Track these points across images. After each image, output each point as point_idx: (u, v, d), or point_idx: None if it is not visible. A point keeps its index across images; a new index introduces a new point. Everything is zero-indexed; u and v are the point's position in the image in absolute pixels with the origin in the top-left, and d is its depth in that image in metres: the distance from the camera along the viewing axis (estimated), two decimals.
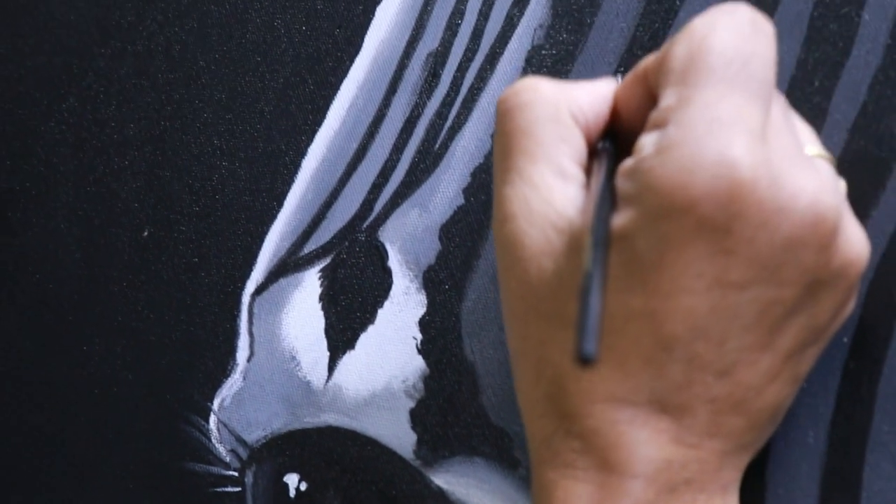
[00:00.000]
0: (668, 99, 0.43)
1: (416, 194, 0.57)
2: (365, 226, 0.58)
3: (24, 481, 0.63)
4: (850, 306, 0.46)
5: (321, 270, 0.58)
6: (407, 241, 0.57)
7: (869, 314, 0.49)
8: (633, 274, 0.43)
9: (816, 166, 0.44)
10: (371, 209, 0.58)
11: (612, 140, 0.47)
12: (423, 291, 0.56)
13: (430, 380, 0.56)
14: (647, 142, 0.43)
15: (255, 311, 0.59)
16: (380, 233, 0.58)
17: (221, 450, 0.59)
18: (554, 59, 0.55)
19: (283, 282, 0.59)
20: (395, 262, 0.57)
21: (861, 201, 0.49)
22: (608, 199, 0.43)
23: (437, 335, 0.56)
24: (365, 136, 0.58)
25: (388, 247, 0.57)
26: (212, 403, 0.60)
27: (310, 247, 0.59)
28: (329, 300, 0.58)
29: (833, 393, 0.49)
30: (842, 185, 0.46)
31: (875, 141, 0.49)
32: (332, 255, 0.58)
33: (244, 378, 0.59)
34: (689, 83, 0.43)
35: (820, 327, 0.45)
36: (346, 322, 0.58)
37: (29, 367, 0.64)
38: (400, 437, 0.56)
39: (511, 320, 0.47)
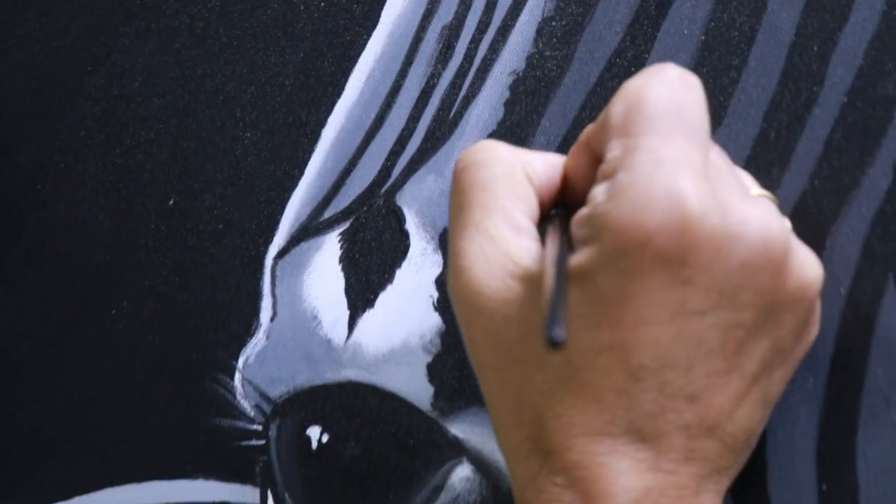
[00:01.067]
0: (613, 151, 0.45)
1: (432, 160, 0.59)
2: (383, 191, 0.59)
3: (55, 442, 0.64)
4: (814, 330, 0.48)
5: (341, 234, 0.60)
6: (423, 205, 0.58)
7: (864, 265, 0.50)
8: (599, 309, 0.44)
9: (760, 201, 0.46)
10: (389, 175, 0.59)
11: (564, 209, 0.48)
12: (439, 252, 0.58)
13: (446, 335, 0.57)
14: (598, 191, 0.45)
15: (278, 273, 0.61)
16: (397, 197, 0.59)
17: (246, 405, 0.60)
18: (563, 31, 0.57)
19: (304, 245, 0.60)
20: (412, 224, 0.59)
21: (856, 164, 0.51)
22: (566, 246, 0.45)
23: None
24: (382, 105, 0.60)
25: (406, 210, 0.59)
26: (237, 362, 0.61)
27: (330, 212, 0.60)
28: (349, 262, 0.59)
29: (831, 341, 0.50)
30: (786, 223, 0.47)
31: (871, 103, 0.51)
32: (352, 220, 0.60)
33: (267, 337, 0.61)
34: (630, 133, 0.45)
35: (784, 349, 0.46)
36: (365, 282, 0.59)
37: (59, 332, 0.65)
38: (417, 390, 0.57)
39: (485, 371, 0.48)
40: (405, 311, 0.58)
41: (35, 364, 0.65)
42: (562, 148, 0.56)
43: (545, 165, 0.49)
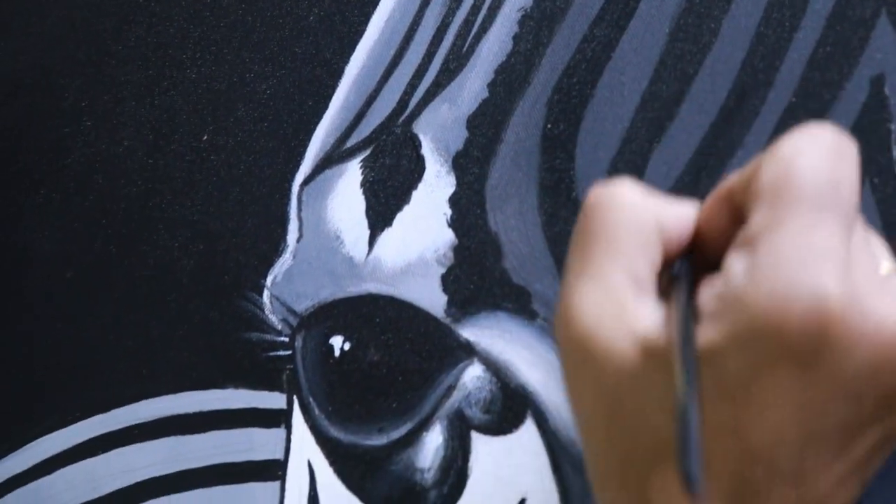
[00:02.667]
0: (758, 218, 0.43)
1: (446, 91, 0.61)
2: (401, 120, 0.62)
3: (95, 358, 0.67)
4: None
5: (362, 161, 0.63)
6: (438, 132, 0.61)
7: None
8: (723, 390, 0.42)
9: (893, 286, 0.44)
10: (406, 106, 0.62)
11: (689, 261, 0.46)
12: (452, 174, 0.61)
13: (458, 249, 0.60)
14: (736, 263, 0.43)
15: (304, 198, 0.64)
16: (414, 126, 0.62)
17: (274, 319, 0.63)
18: None
19: (328, 172, 0.63)
20: (427, 150, 0.61)
21: (836, 81, 0.54)
22: (691, 323, 0.43)
23: (464, 210, 0.60)
24: (401, 43, 0.63)
25: (422, 137, 0.62)
26: (265, 280, 0.64)
27: (352, 141, 0.63)
28: (369, 186, 0.62)
29: None
30: None
31: (849, 26, 0.54)
32: (372, 147, 0.62)
33: (294, 257, 0.63)
34: (779, 205, 0.42)
35: (891, 436, 0.45)
36: (384, 203, 0.62)
37: (101, 256, 0.67)
38: (432, 299, 0.60)
39: (589, 421, 0.46)
40: (421, 229, 0.61)
41: (79, 286, 0.67)
42: (564, 76, 0.59)
43: (677, 218, 0.46)
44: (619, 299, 0.44)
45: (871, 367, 0.42)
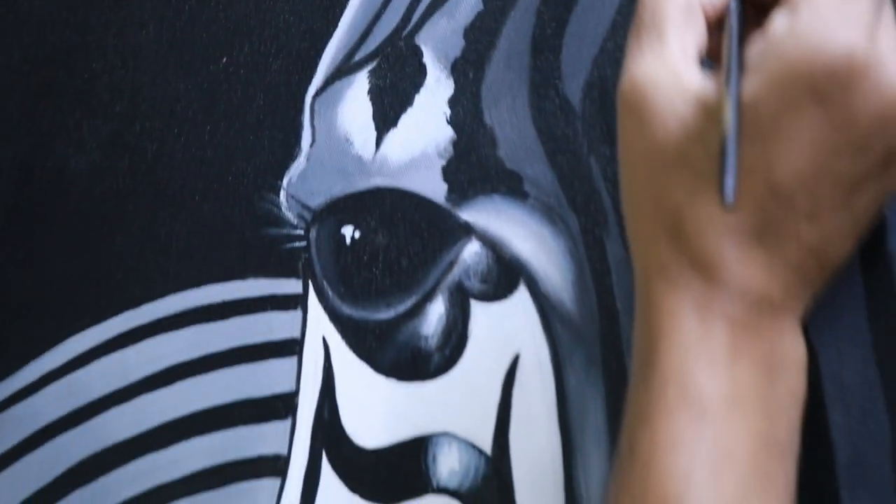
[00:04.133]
0: None
1: (446, 6, 0.68)
2: (404, 34, 0.69)
3: (124, 261, 0.72)
4: None
5: (369, 71, 0.69)
6: (438, 42, 0.68)
7: None
8: (756, 131, 0.48)
9: None
10: (409, 21, 0.69)
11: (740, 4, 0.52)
12: (451, 78, 0.67)
13: (457, 143, 0.66)
14: (778, 21, 0.48)
15: (316, 108, 0.70)
16: (416, 38, 0.69)
17: (290, 216, 0.69)
18: None
19: (338, 84, 0.70)
20: (428, 58, 0.68)
21: None
22: (740, 62, 0.49)
23: (462, 109, 0.66)
24: None
25: (423, 47, 0.68)
26: (281, 181, 0.70)
27: (360, 55, 0.70)
28: (376, 93, 0.69)
29: None
30: None
31: None
32: (378, 59, 0.69)
33: (307, 160, 0.70)
34: None
35: (883, 195, 0.50)
36: (389, 108, 0.68)
37: (126, 173, 0.73)
38: (434, 188, 0.66)
39: (633, 168, 0.52)
40: (423, 127, 0.67)
41: (109, 199, 0.73)
42: None
43: None
44: (672, 67, 0.51)
45: (881, 120, 0.48)
